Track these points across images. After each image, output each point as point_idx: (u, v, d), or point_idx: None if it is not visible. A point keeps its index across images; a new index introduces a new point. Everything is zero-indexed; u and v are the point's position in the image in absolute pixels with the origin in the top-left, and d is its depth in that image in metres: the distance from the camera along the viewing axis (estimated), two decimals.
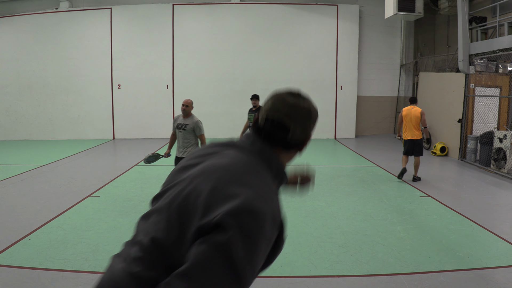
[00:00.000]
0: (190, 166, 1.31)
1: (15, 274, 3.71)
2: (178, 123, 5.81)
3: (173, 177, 1.34)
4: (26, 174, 8.23)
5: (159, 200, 1.30)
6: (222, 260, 1.02)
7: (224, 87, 14.20)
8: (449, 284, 3.58)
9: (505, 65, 10.26)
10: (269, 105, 1.33)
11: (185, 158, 1.42)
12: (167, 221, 1.18)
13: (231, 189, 1.13)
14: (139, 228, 1.30)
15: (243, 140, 1.33)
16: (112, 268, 1.22)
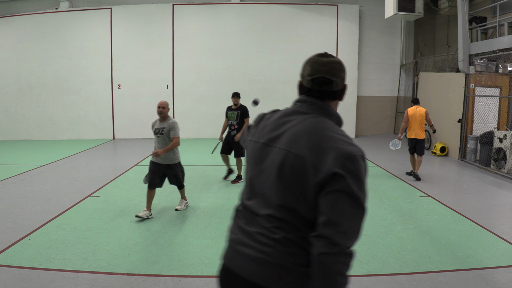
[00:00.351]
0: (273, 140, 1.53)
1: (15, 274, 3.71)
2: (155, 128, 5.42)
3: (260, 153, 1.55)
4: (26, 174, 8.23)
5: (255, 179, 1.53)
6: (349, 200, 1.31)
7: (224, 87, 14.19)
8: (449, 284, 3.58)
9: (505, 65, 10.27)
10: (309, 69, 1.62)
11: (255, 134, 1.63)
12: (285, 189, 1.41)
13: (326, 145, 1.38)
14: (250, 206, 1.52)
15: (300, 105, 1.59)
16: (245, 245, 1.46)
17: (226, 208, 5.89)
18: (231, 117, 7.41)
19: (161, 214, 5.58)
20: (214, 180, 7.75)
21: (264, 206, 1.46)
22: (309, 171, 1.36)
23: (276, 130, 1.55)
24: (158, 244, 4.47)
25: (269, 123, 1.61)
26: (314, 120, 1.50)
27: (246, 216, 1.53)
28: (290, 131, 1.50)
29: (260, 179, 1.51)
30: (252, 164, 1.58)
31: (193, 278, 3.68)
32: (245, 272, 1.43)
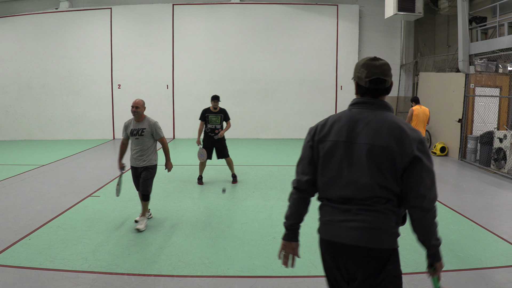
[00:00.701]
0: (354, 137, 1.86)
1: (15, 274, 3.71)
2: (131, 129, 5.01)
3: (343, 150, 1.87)
4: (26, 174, 8.23)
5: (345, 172, 1.86)
6: (428, 175, 1.78)
7: (224, 87, 14.19)
8: (449, 284, 3.58)
9: (505, 65, 10.27)
10: (366, 72, 1.94)
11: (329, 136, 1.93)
12: (378, 173, 1.79)
13: (402, 135, 1.79)
14: (344, 194, 1.85)
15: (363, 106, 1.94)
16: (347, 221, 1.84)
17: (226, 208, 5.89)
18: (214, 121, 7.17)
19: (161, 214, 5.58)
20: (214, 180, 7.76)
21: (362, 190, 1.82)
22: (395, 157, 1.78)
23: (353, 130, 1.88)
24: (158, 244, 4.47)
25: (343, 125, 1.91)
26: (382, 116, 1.87)
27: (341, 202, 1.88)
28: (368, 128, 1.85)
29: (350, 171, 1.85)
30: (334, 160, 1.89)
31: (193, 278, 3.68)
32: (350, 240, 1.83)
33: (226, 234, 4.81)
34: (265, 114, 14.41)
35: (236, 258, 4.12)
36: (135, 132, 5.00)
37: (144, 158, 5.02)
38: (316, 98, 14.35)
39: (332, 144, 1.90)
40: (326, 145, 1.92)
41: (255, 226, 5.09)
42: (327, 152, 1.91)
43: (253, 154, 11.10)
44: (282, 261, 2.17)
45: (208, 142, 7.27)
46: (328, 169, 1.91)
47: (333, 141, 1.90)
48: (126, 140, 5.15)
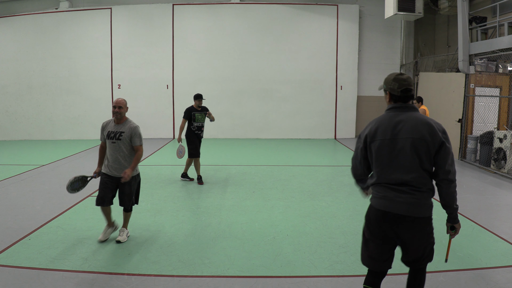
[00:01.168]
0: (396, 134, 2.46)
1: (15, 274, 3.71)
2: (109, 131, 4.41)
3: (390, 145, 2.47)
4: (26, 174, 8.23)
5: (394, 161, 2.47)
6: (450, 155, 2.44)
7: (224, 87, 14.20)
8: (449, 284, 3.58)
9: (505, 65, 10.27)
10: (397, 85, 2.51)
11: (377, 136, 2.54)
12: (420, 159, 2.42)
13: (432, 128, 2.43)
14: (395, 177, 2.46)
15: (400, 109, 2.52)
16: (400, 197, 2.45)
17: (226, 208, 5.89)
18: (200, 119, 7.30)
19: (161, 214, 5.58)
20: (214, 180, 7.76)
21: (409, 173, 2.43)
22: (429, 145, 2.41)
23: (395, 129, 2.48)
24: (158, 244, 4.47)
25: (386, 127, 2.50)
26: (414, 116, 2.49)
27: (393, 183, 2.47)
28: (407, 126, 2.45)
29: (398, 159, 2.45)
30: (384, 153, 2.49)
31: (193, 278, 3.68)
32: (402, 211, 2.44)
33: (226, 234, 4.81)
34: (265, 114, 14.41)
35: (236, 258, 4.12)
36: (112, 135, 4.38)
37: (121, 167, 4.37)
38: (316, 98, 14.35)
39: (380, 142, 2.50)
40: (376, 143, 2.52)
41: (255, 226, 5.09)
42: (378, 149, 2.52)
43: (253, 154, 11.10)
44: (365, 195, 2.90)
45: (196, 139, 7.37)
46: (380, 160, 2.52)
47: (381, 139, 2.50)
48: (105, 143, 4.49)
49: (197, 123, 7.30)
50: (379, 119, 2.55)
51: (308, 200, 6.30)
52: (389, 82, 2.53)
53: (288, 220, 5.36)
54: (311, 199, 6.39)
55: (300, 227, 5.05)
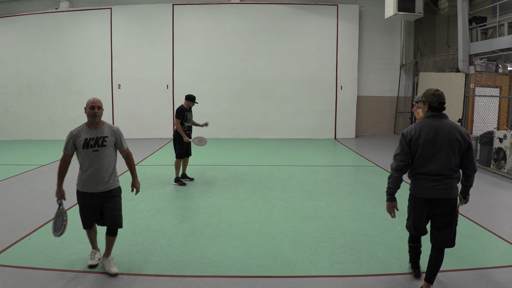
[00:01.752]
0: (436, 136, 3.20)
1: (15, 274, 3.71)
2: (86, 138, 3.72)
3: (432, 144, 3.21)
4: (26, 174, 8.23)
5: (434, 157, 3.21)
6: (474, 153, 3.29)
7: (224, 87, 14.21)
8: (449, 284, 3.58)
9: (505, 65, 10.27)
10: (435, 99, 3.24)
11: (421, 137, 3.28)
12: (454, 156, 3.18)
13: (462, 131, 3.21)
14: (434, 169, 3.20)
15: (438, 117, 3.26)
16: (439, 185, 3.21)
17: (226, 208, 5.89)
18: (190, 118, 7.36)
19: (161, 214, 5.58)
20: (214, 180, 7.76)
21: (445, 167, 3.19)
22: (461, 145, 3.18)
23: (435, 131, 3.21)
24: (158, 244, 4.47)
25: (429, 129, 3.22)
26: (448, 122, 3.26)
27: (432, 174, 3.21)
28: (444, 129, 3.20)
29: (437, 156, 3.19)
30: (426, 151, 3.21)
31: (193, 278, 3.68)
32: (438, 195, 3.21)
33: (226, 234, 4.81)
34: (265, 114, 14.41)
35: (236, 258, 4.12)
36: (92, 142, 3.69)
37: (106, 179, 3.72)
38: (316, 98, 14.35)
39: (424, 141, 3.22)
40: (420, 142, 3.23)
41: (255, 226, 5.10)
42: (422, 146, 3.22)
43: (253, 154, 11.10)
44: (391, 216, 3.49)
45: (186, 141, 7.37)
46: (422, 155, 3.23)
47: (424, 139, 3.22)
48: (71, 157, 3.89)
49: (188, 123, 7.32)
50: (421, 124, 3.26)
51: (308, 200, 6.30)
52: (429, 96, 3.27)
53: (288, 220, 5.36)
54: (311, 199, 6.39)
55: (300, 227, 5.05)
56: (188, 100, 7.28)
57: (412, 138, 3.26)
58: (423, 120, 3.30)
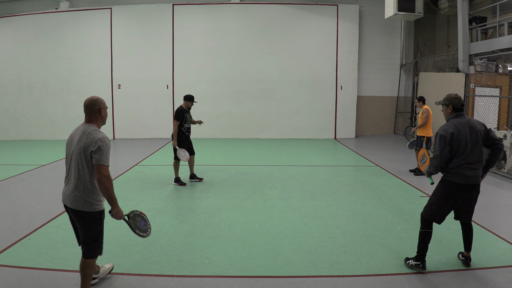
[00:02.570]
0: (469, 130, 3.66)
1: (15, 274, 3.71)
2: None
3: (470, 138, 3.65)
4: (26, 174, 8.23)
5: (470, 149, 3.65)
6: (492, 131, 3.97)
7: (224, 87, 14.21)
8: (449, 284, 3.58)
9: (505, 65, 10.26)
10: (457, 101, 3.76)
11: (461, 133, 3.71)
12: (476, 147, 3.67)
13: (482, 124, 3.78)
14: (469, 160, 3.64)
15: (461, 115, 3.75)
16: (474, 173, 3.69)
17: (226, 208, 5.89)
18: (189, 119, 7.28)
19: (161, 214, 5.58)
20: (214, 180, 7.76)
21: (480, 156, 3.67)
22: (484, 134, 3.71)
23: (467, 127, 3.66)
24: (158, 244, 4.47)
25: (464, 126, 3.66)
26: (469, 118, 3.76)
27: (469, 164, 3.63)
28: (470, 124, 3.68)
29: (474, 147, 3.64)
30: (466, 143, 3.62)
31: (193, 278, 3.68)
32: (476, 181, 3.69)
33: (226, 234, 4.81)
34: (265, 114, 14.41)
35: (236, 258, 4.12)
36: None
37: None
38: (316, 98, 14.36)
39: (463, 136, 3.63)
40: (461, 137, 3.62)
41: (255, 226, 5.10)
42: (462, 141, 3.63)
43: (253, 154, 11.10)
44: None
45: (186, 140, 7.28)
46: (463, 148, 3.63)
47: (463, 134, 3.63)
48: None
49: (187, 124, 7.25)
50: (454, 123, 3.68)
51: (308, 200, 6.30)
52: (452, 99, 3.76)
53: (288, 220, 5.36)
54: (311, 199, 6.39)
55: (300, 227, 5.05)
56: (187, 101, 7.20)
57: (453, 135, 3.62)
58: (452, 120, 3.74)
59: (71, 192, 3.06)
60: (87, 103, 3.17)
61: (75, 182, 3.05)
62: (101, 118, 3.22)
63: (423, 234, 3.82)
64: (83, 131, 3.08)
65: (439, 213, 3.76)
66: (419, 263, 3.81)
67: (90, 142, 3.01)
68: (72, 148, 3.09)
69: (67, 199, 3.10)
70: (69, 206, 3.10)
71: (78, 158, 3.03)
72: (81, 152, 3.01)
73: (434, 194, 3.82)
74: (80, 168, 3.03)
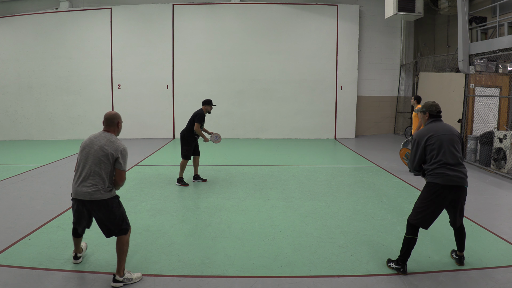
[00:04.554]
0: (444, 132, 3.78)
1: (15, 274, 3.71)
2: None
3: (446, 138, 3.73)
4: (26, 174, 8.23)
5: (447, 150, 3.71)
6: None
7: (224, 87, 14.21)
8: (449, 284, 3.58)
9: (505, 65, 10.26)
10: (434, 108, 3.94)
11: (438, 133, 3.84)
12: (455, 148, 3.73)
13: (455, 129, 3.86)
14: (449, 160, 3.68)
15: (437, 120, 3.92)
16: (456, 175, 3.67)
17: (226, 208, 5.89)
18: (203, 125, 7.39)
19: (161, 214, 5.58)
20: (214, 180, 7.75)
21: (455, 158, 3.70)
22: (459, 138, 3.81)
23: (444, 129, 3.80)
24: (158, 244, 4.47)
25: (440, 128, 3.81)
26: (444, 123, 3.91)
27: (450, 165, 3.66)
28: (444, 128, 3.81)
29: (449, 149, 3.70)
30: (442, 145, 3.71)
31: (193, 278, 3.68)
32: (458, 182, 3.65)
33: (226, 234, 4.81)
34: (265, 114, 14.41)
35: (236, 258, 4.12)
36: None
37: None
38: (316, 98, 14.36)
39: (439, 137, 3.73)
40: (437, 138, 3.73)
41: (255, 226, 5.09)
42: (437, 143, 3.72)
43: (253, 154, 11.10)
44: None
45: (194, 141, 7.34)
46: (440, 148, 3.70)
47: (438, 135, 3.74)
48: None
49: (202, 128, 7.35)
50: (429, 127, 3.84)
51: (308, 200, 6.30)
52: (428, 106, 3.94)
53: (288, 220, 5.36)
54: (311, 199, 6.39)
55: (300, 227, 5.05)
56: (207, 105, 7.24)
57: (430, 138, 3.73)
58: (429, 124, 3.89)
59: (90, 186, 3.44)
60: (108, 116, 3.69)
61: (94, 178, 3.46)
62: (118, 130, 3.75)
63: (408, 240, 3.76)
64: (107, 139, 3.57)
65: (425, 217, 3.70)
66: (399, 267, 3.77)
67: (116, 149, 3.51)
68: (93, 149, 3.51)
69: (85, 194, 3.45)
70: (89, 199, 3.46)
71: (100, 159, 3.47)
72: (106, 155, 3.48)
73: (419, 198, 3.79)
74: (102, 167, 3.47)
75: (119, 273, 3.52)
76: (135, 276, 3.61)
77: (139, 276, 3.65)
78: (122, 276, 3.53)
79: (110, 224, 3.55)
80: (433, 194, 3.67)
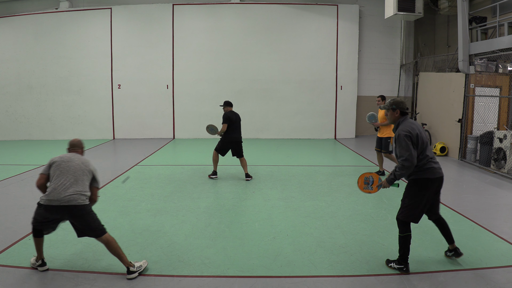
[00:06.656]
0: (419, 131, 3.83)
1: (15, 274, 3.71)
2: None
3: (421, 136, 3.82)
4: (26, 174, 8.23)
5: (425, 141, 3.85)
6: None
7: (224, 87, 14.20)
8: (449, 284, 3.58)
9: (505, 65, 10.26)
10: (403, 105, 4.00)
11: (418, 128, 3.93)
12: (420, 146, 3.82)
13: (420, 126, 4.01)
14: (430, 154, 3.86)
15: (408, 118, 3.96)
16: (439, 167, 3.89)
17: (226, 208, 5.89)
18: None
19: (161, 214, 5.58)
20: (214, 180, 7.76)
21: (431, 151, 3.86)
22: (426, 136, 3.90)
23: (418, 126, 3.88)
24: (158, 244, 4.47)
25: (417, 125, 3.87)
26: (413, 121, 3.95)
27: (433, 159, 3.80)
28: (419, 124, 3.90)
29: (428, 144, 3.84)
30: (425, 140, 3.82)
31: (193, 278, 3.68)
32: (442, 173, 3.84)
33: (226, 234, 4.81)
34: (265, 114, 14.41)
35: (236, 258, 4.12)
36: None
37: None
38: (316, 98, 14.35)
39: (422, 134, 3.81)
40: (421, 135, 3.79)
41: (255, 226, 5.10)
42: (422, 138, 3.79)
43: (253, 154, 11.10)
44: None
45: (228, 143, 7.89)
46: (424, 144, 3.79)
47: (422, 131, 3.84)
48: None
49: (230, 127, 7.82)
50: (409, 124, 3.83)
51: (308, 200, 6.30)
52: (399, 103, 3.96)
53: (288, 220, 5.36)
54: (311, 199, 6.39)
55: (300, 227, 5.05)
56: (229, 106, 7.86)
57: (417, 135, 3.77)
58: (405, 122, 3.88)
59: (74, 193, 3.73)
60: (76, 142, 4.28)
61: (78, 185, 3.79)
62: (83, 152, 4.34)
63: (405, 238, 3.78)
64: (81, 157, 4.13)
65: (416, 213, 3.78)
66: (402, 266, 3.79)
67: (93, 168, 4.04)
68: (75, 163, 3.95)
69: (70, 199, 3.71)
70: (74, 204, 3.70)
71: (83, 171, 3.93)
72: (89, 170, 3.98)
73: (408, 196, 3.82)
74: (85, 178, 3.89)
75: (129, 265, 3.69)
76: (142, 263, 3.84)
77: (145, 262, 3.88)
78: (133, 266, 3.71)
79: (93, 223, 3.77)
80: (424, 190, 3.75)
